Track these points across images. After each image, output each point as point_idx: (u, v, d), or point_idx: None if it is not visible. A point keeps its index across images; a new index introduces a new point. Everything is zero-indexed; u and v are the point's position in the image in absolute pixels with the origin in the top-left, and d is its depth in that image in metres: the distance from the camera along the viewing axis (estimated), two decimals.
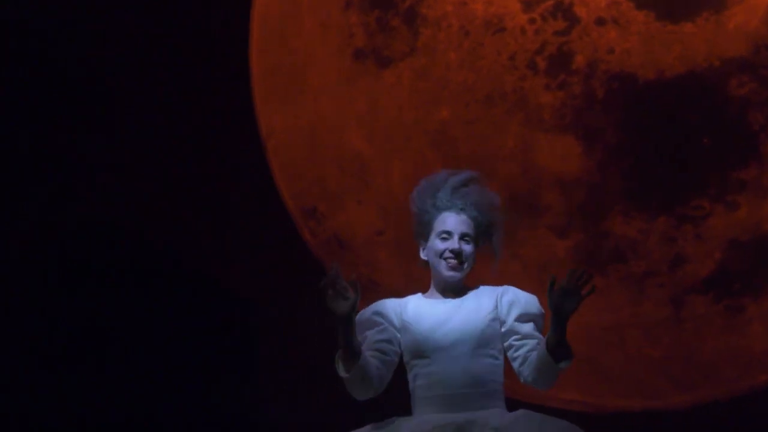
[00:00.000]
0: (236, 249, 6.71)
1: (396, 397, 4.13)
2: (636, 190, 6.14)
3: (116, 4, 6.67)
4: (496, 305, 4.07)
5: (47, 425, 6.45)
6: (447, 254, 4.04)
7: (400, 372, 4.11)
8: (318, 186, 6.65)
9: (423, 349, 4.02)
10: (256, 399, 6.63)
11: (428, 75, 6.42)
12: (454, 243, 4.04)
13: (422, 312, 4.06)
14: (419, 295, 4.16)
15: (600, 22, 5.99)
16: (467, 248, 4.05)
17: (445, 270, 4.05)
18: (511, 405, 4.07)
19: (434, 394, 4.00)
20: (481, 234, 4.09)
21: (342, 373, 3.96)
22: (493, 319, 4.05)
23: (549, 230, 6.24)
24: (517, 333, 4.03)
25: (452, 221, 4.07)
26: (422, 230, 4.13)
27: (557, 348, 3.89)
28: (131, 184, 6.71)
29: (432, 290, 4.14)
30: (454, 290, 4.11)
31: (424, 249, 4.12)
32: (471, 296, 4.10)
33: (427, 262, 4.12)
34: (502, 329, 4.06)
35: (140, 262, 6.65)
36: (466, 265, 4.06)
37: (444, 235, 4.06)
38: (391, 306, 4.13)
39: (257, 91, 6.69)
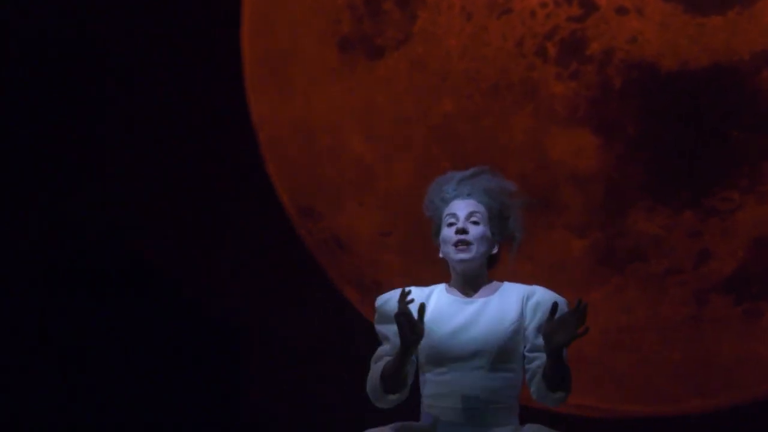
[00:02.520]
0: (232, 247, 6.48)
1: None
2: (660, 183, 5.82)
3: None
4: (522, 311, 3.86)
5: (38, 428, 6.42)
6: (454, 237, 3.85)
7: None
8: (315, 186, 6.31)
9: (439, 357, 3.83)
10: (251, 399, 6.50)
11: (426, 65, 5.99)
12: (459, 224, 3.87)
13: (443, 313, 3.85)
14: (443, 287, 3.95)
15: (621, 11, 5.57)
16: (476, 228, 3.86)
17: (454, 254, 3.85)
18: (524, 411, 3.91)
19: (446, 406, 3.82)
20: (494, 219, 3.90)
21: (379, 391, 3.82)
22: (517, 330, 3.84)
23: (565, 229, 5.93)
24: (530, 343, 3.85)
25: (457, 205, 3.91)
26: (435, 228, 3.97)
27: (551, 377, 3.74)
28: (121, 182, 6.48)
29: (453, 285, 3.94)
30: (475, 285, 3.89)
31: (440, 246, 3.93)
32: (495, 297, 3.89)
33: (446, 260, 3.93)
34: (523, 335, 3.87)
35: (131, 262, 6.52)
36: (476, 246, 3.85)
37: (451, 220, 3.89)
38: (414, 302, 3.87)
39: (248, 81, 6.29)
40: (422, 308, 3.66)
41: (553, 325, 3.63)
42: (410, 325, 3.65)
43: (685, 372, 5.98)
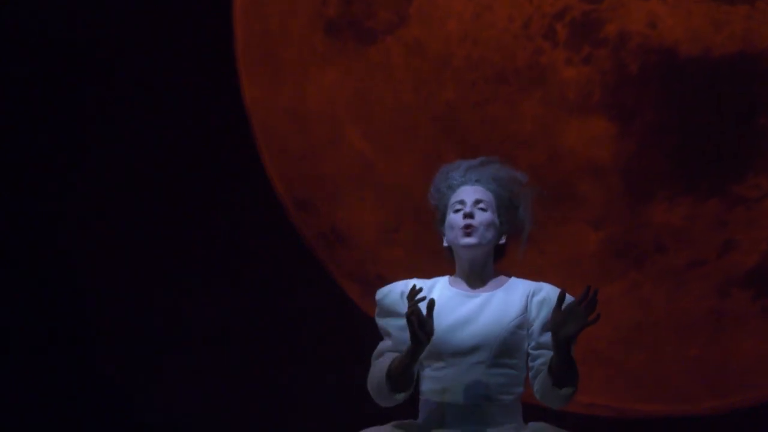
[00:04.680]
0: (226, 241, 6.27)
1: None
2: (683, 171, 5.53)
3: None
4: (526, 307, 3.73)
5: None
6: (461, 222, 3.75)
7: None
8: (313, 181, 6.03)
9: (438, 351, 3.72)
10: (248, 396, 6.37)
11: (423, 50, 5.61)
12: (467, 208, 3.76)
13: (444, 306, 3.73)
14: (446, 279, 3.84)
15: None
16: (483, 214, 3.76)
17: (460, 238, 3.75)
18: (530, 410, 3.82)
19: (445, 403, 3.74)
20: (503, 208, 3.81)
21: (385, 391, 3.71)
22: (519, 326, 3.74)
23: (580, 222, 5.66)
24: (535, 341, 3.75)
25: (465, 191, 3.82)
26: (440, 216, 3.87)
27: (558, 372, 3.59)
28: (111, 176, 6.27)
29: (458, 276, 3.83)
30: (481, 276, 3.78)
31: (444, 235, 3.83)
32: (500, 292, 3.78)
33: (451, 250, 3.83)
34: (528, 332, 3.74)
35: (123, 257, 6.38)
36: (482, 231, 3.74)
37: (458, 206, 3.80)
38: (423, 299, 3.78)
39: (241, 67, 5.96)
40: (431, 304, 3.55)
41: (561, 315, 3.50)
42: (420, 323, 3.55)
43: (701, 370, 5.78)
